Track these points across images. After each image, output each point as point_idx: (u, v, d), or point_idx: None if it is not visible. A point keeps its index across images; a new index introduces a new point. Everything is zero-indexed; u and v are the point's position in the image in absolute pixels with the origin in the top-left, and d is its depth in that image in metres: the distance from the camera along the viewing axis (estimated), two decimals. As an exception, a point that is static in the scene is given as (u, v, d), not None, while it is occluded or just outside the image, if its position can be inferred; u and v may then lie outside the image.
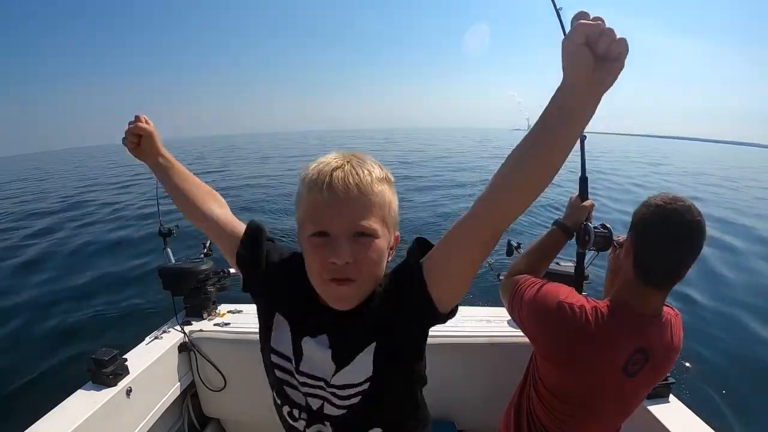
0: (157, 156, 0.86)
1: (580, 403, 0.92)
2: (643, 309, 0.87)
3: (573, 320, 0.87)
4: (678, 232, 0.78)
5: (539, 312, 0.94)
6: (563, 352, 0.91)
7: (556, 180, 0.57)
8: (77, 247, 7.47)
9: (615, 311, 0.87)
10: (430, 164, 20.28)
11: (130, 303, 4.81)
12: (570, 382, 0.93)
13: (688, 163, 31.13)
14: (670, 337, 0.90)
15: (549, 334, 0.93)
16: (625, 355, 0.86)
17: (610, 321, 0.86)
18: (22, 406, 3.02)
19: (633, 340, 0.86)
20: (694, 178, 19.08)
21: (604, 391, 0.90)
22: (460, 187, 12.70)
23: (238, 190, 12.63)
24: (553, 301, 0.91)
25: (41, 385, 3.29)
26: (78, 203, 12.56)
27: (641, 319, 0.87)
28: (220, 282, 1.92)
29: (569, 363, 0.91)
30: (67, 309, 4.75)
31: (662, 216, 0.80)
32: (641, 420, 1.28)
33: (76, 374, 1.50)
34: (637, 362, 0.86)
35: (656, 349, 0.88)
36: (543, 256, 1.11)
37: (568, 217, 1.12)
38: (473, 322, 1.72)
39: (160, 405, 1.58)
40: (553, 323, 0.90)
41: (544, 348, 0.96)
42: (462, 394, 1.69)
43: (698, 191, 13.51)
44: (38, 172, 30.30)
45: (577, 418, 0.94)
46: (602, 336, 0.86)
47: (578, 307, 0.88)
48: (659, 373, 0.93)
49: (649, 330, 0.87)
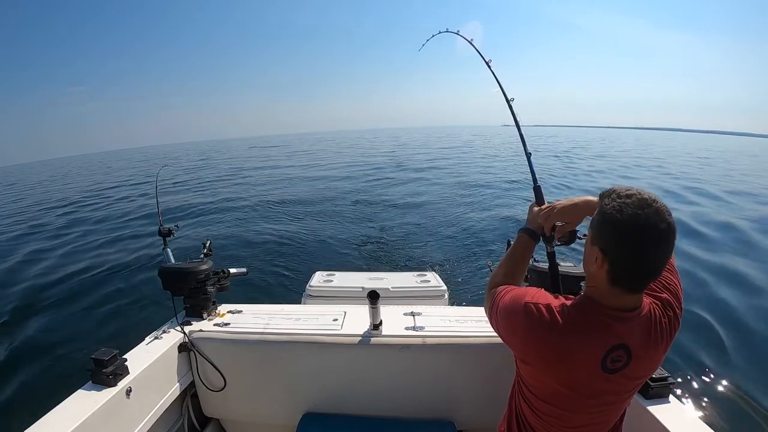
0: None
1: (562, 402, 0.91)
2: (618, 305, 0.83)
3: (540, 320, 0.86)
4: (650, 240, 0.74)
5: (510, 317, 0.95)
6: (535, 352, 0.90)
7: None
8: (77, 247, 7.48)
9: (586, 307, 0.85)
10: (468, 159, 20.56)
11: (130, 303, 4.82)
12: (547, 381, 0.92)
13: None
14: (654, 329, 0.86)
15: (519, 336, 0.92)
16: (601, 350, 0.83)
17: (580, 317, 0.84)
18: (22, 406, 3.02)
19: (610, 336, 0.83)
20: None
21: (583, 388, 0.88)
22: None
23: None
24: (519, 304, 0.91)
25: (41, 384, 3.29)
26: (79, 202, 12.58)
27: (618, 315, 0.83)
28: (220, 282, 1.92)
29: (543, 362, 0.90)
30: (67, 309, 4.76)
31: (638, 217, 0.74)
32: (641, 420, 1.28)
33: (76, 374, 1.50)
34: (618, 359, 0.84)
35: (637, 343, 0.84)
36: (517, 262, 1.14)
37: (530, 222, 1.18)
38: (473, 322, 1.73)
39: (160, 405, 1.58)
40: (521, 325, 0.90)
41: (519, 351, 0.96)
42: (462, 394, 1.70)
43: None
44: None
45: (562, 418, 0.93)
46: (573, 332, 0.84)
47: (544, 306, 0.87)
48: (650, 360, 0.89)
49: (626, 326, 0.83)
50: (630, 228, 0.75)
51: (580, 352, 0.84)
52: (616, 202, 0.77)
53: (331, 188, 13.44)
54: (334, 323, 1.74)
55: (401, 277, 2.72)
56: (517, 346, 0.96)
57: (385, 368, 1.66)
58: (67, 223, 9.95)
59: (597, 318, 0.84)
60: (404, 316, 1.79)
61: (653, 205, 0.75)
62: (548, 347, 0.87)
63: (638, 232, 0.74)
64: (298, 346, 1.64)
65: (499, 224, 8.09)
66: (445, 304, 2.40)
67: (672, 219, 0.75)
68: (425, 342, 1.61)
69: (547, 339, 0.86)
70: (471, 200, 10.95)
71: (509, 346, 0.99)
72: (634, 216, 0.74)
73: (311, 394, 1.73)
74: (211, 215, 9.61)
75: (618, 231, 0.76)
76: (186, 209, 10.24)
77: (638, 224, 0.74)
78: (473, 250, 6.50)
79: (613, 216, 0.76)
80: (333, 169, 19.75)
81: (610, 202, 0.78)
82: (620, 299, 0.83)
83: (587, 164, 20.12)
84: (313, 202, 11.08)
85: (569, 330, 0.84)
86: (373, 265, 5.87)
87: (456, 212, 9.41)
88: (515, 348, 0.97)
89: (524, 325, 0.89)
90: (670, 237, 0.75)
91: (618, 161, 22.66)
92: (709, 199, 10.86)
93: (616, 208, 0.76)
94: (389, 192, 12.47)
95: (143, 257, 6.52)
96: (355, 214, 9.34)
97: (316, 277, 2.65)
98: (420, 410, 1.70)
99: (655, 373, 1.29)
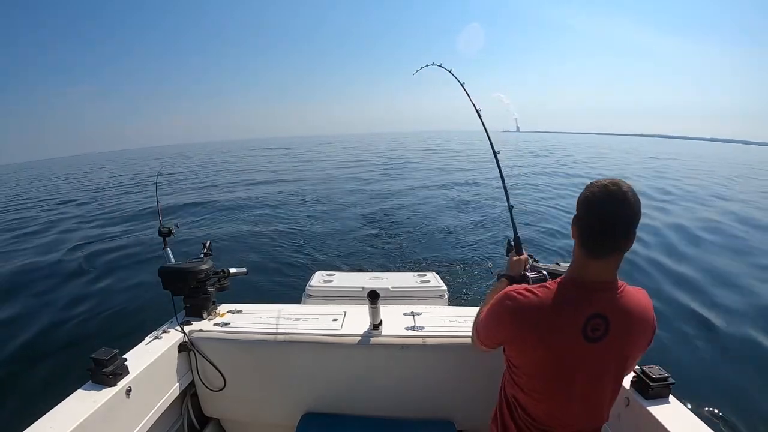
0: None
1: (551, 375, 1.00)
2: (593, 277, 0.95)
3: (523, 300, 0.99)
4: (608, 205, 0.89)
5: (495, 314, 1.07)
6: (522, 330, 0.99)
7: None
8: (77, 247, 7.48)
9: (563, 284, 0.98)
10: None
11: (130, 303, 4.82)
12: (537, 356, 1.00)
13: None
14: (633, 304, 0.97)
15: (508, 321, 1.03)
16: (580, 320, 0.94)
17: (558, 292, 0.97)
18: (22, 405, 3.02)
19: (585, 305, 0.94)
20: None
21: (567, 358, 0.97)
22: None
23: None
24: (501, 298, 1.05)
25: (41, 384, 3.29)
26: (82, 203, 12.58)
27: (591, 286, 0.95)
28: (220, 282, 1.92)
29: (530, 338, 0.98)
30: (67, 309, 4.76)
31: (593, 194, 0.92)
32: (641, 420, 1.28)
33: (76, 374, 1.50)
34: (597, 328, 0.94)
35: (614, 313, 0.95)
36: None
37: (510, 269, 1.40)
38: (473, 322, 1.72)
39: (160, 405, 1.57)
40: (508, 310, 1.02)
41: (508, 337, 1.05)
42: (462, 394, 1.70)
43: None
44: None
45: (552, 392, 1.01)
46: (553, 305, 0.96)
47: (524, 290, 1.01)
48: (632, 338, 0.98)
49: (600, 296, 0.95)
50: (592, 198, 0.93)
51: (563, 320, 0.95)
52: (587, 186, 0.96)
53: (331, 189, 13.46)
54: (334, 323, 1.74)
55: (401, 277, 2.72)
56: (507, 333, 1.05)
57: (385, 368, 1.66)
58: (64, 223, 9.95)
59: (575, 291, 0.96)
60: (404, 316, 1.80)
61: (615, 185, 0.91)
62: (533, 322, 0.97)
63: (598, 200, 0.91)
64: (298, 346, 1.64)
65: (499, 225, 8.09)
66: (445, 304, 2.40)
67: (631, 194, 0.89)
68: (425, 342, 1.61)
69: (532, 315, 0.97)
70: (471, 201, 10.96)
71: (501, 341, 1.10)
72: (597, 191, 0.92)
73: (311, 394, 1.73)
74: (212, 215, 9.62)
75: (584, 202, 0.95)
76: (186, 209, 10.26)
77: (598, 195, 0.92)
78: (473, 251, 6.50)
79: (584, 193, 0.96)
80: (333, 170, 19.77)
81: (586, 188, 0.96)
82: (591, 266, 0.95)
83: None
84: (313, 202, 11.10)
85: (551, 302, 0.96)
86: (373, 265, 5.87)
87: (456, 213, 9.43)
88: (506, 336, 1.06)
89: (511, 309, 1.01)
90: (624, 205, 0.89)
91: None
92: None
93: (588, 188, 0.95)
94: (390, 192, 12.48)
95: (143, 257, 6.53)
96: (355, 215, 9.35)
97: (316, 277, 2.65)
98: (420, 410, 1.70)
99: (655, 373, 1.30)
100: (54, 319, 4.49)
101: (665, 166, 24.44)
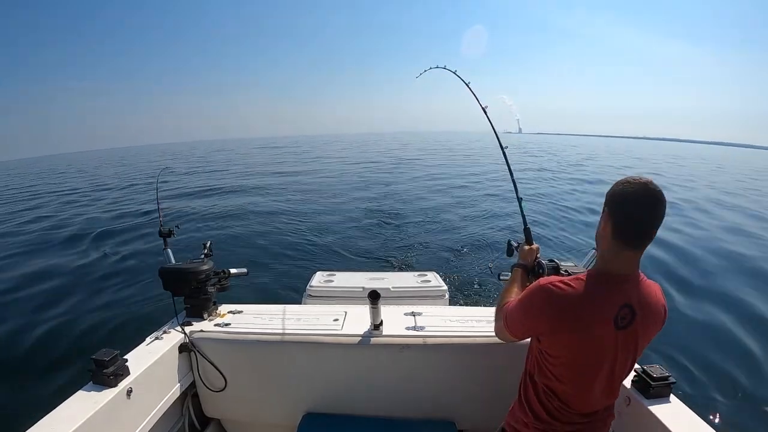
0: None
1: (585, 361, 1.06)
2: (620, 270, 1.03)
3: (561, 292, 1.03)
4: (647, 201, 0.96)
5: (531, 305, 1.11)
6: (561, 321, 1.04)
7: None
8: (76, 247, 7.48)
9: (596, 276, 1.04)
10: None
11: (130, 303, 4.82)
12: (573, 345, 1.05)
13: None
14: (651, 295, 1.06)
15: (545, 313, 1.07)
16: (614, 309, 1.01)
17: (593, 284, 1.03)
18: (22, 406, 3.01)
19: (617, 297, 1.02)
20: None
21: (601, 346, 1.03)
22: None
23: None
24: (536, 289, 1.09)
25: (42, 385, 3.29)
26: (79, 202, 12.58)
27: (621, 278, 1.03)
28: (221, 282, 1.92)
29: (569, 328, 1.04)
30: (67, 309, 4.76)
31: (634, 190, 0.98)
32: (642, 419, 1.28)
33: (76, 375, 1.50)
34: (625, 317, 1.02)
35: (639, 303, 1.03)
36: (519, 289, 1.34)
37: (523, 259, 1.47)
38: (473, 322, 1.73)
39: (161, 405, 1.58)
40: (545, 302, 1.06)
41: (546, 328, 1.09)
42: (462, 394, 1.70)
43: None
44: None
45: (584, 376, 1.08)
46: (590, 298, 1.02)
47: (560, 282, 1.06)
48: (649, 326, 1.06)
49: (628, 287, 1.03)
50: (634, 194, 0.98)
51: (599, 310, 1.01)
52: (623, 183, 1.01)
53: (332, 189, 13.45)
54: (334, 323, 1.74)
55: (402, 277, 2.72)
56: (545, 325, 1.08)
57: (385, 368, 1.66)
58: (63, 223, 9.95)
59: (606, 282, 1.03)
60: (405, 316, 1.80)
61: (648, 185, 0.97)
62: (571, 314, 1.02)
63: (641, 196, 0.97)
64: (299, 346, 1.65)
65: (499, 225, 8.10)
66: (445, 304, 2.40)
67: (661, 196, 0.97)
68: (426, 342, 1.61)
69: (571, 306, 1.02)
70: (472, 201, 10.96)
71: (537, 332, 1.14)
72: (639, 188, 0.98)
73: (312, 394, 1.73)
74: (212, 215, 9.60)
75: (623, 197, 0.99)
76: (186, 209, 10.25)
77: (640, 192, 0.97)
78: (474, 251, 6.50)
79: (618, 189, 1.01)
80: (334, 170, 19.76)
81: (619, 183, 1.02)
82: (621, 256, 1.01)
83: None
84: (314, 202, 11.10)
85: (587, 294, 1.02)
86: (373, 265, 5.87)
87: (457, 213, 9.42)
88: (544, 328, 1.09)
89: (548, 301, 1.05)
90: (659, 202, 0.96)
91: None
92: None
93: (619, 182, 1.02)
94: (390, 193, 12.48)
95: (143, 258, 6.53)
96: (355, 215, 9.35)
97: (317, 277, 2.65)
98: (420, 410, 1.70)
99: (656, 372, 1.31)
100: (54, 319, 4.49)
101: (660, 168, 24.38)
